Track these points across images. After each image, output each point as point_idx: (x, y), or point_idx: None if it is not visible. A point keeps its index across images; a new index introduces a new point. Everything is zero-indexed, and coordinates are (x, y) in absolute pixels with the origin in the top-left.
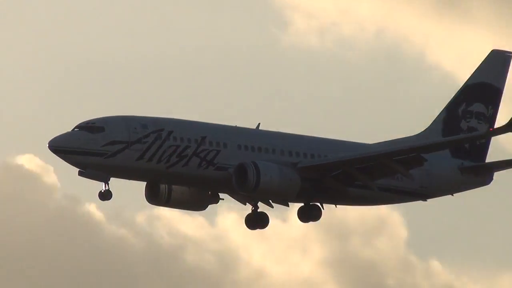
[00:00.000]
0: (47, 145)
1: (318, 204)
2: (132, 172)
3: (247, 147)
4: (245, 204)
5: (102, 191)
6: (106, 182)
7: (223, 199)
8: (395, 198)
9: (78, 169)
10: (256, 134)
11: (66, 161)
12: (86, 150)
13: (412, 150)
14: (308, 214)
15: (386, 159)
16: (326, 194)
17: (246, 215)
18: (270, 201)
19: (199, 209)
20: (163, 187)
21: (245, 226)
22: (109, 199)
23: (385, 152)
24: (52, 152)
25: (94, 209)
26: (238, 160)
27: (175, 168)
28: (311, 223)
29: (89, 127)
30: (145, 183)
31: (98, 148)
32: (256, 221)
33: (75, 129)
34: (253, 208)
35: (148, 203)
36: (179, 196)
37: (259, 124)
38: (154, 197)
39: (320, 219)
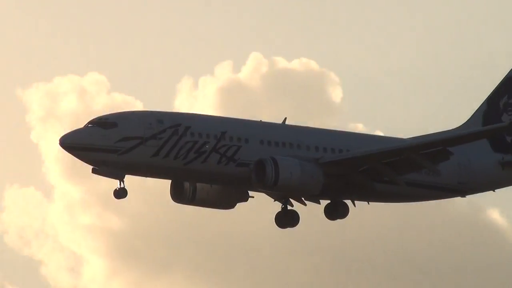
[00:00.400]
0: (58, 142)
1: (345, 201)
2: (147, 169)
3: (270, 142)
4: (279, 201)
5: (117, 189)
6: (121, 180)
7: (252, 197)
8: (430, 194)
9: (91, 167)
10: (280, 128)
11: (78, 158)
12: (99, 146)
13: (435, 144)
14: (335, 211)
15: (411, 153)
16: (353, 191)
17: (276, 213)
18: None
19: (227, 208)
20: (187, 185)
21: (275, 225)
22: (124, 197)
23: (408, 145)
24: (64, 150)
25: None
26: (261, 156)
27: (193, 165)
28: (338, 220)
29: (101, 123)
30: (170, 181)
31: (111, 145)
32: (286, 219)
33: (88, 125)
34: (283, 206)
35: (173, 202)
36: (204, 194)
37: (285, 118)
38: (179, 195)
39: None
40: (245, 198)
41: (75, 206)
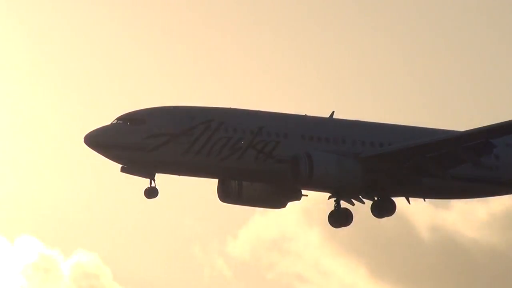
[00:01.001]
0: (83, 139)
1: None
2: (178, 167)
3: (312, 137)
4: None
5: (148, 188)
6: (152, 179)
7: (306, 195)
8: (488, 189)
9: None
10: (324, 123)
11: (105, 156)
12: (126, 144)
13: (475, 135)
14: (380, 208)
15: (450, 145)
16: (399, 187)
17: (329, 212)
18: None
19: (278, 207)
20: (233, 183)
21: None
22: (155, 197)
23: (447, 138)
24: (89, 147)
25: None
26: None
27: (229, 162)
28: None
29: (129, 119)
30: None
31: (139, 142)
32: (340, 218)
33: (115, 122)
34: (336, 204)
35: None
36: (251, 193)
37: (333, 112)
38: (225, 194)
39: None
40: (297, 196)
41: None
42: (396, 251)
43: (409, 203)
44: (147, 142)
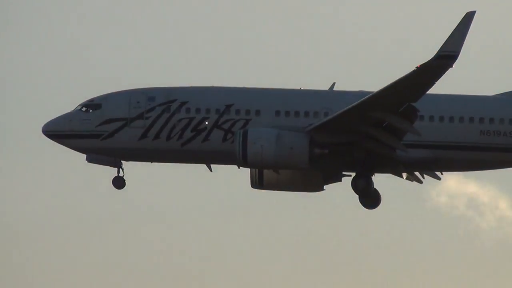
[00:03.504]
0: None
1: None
2: (137, 153)
3: (288, 112)
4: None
5: (115, 177)
6: (119, 167)
7: (349, 175)
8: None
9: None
10: (305, 95)
11: (64, 145)
12: (79, 132)
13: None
14: (355, 185)
15: (372, 109)
16: (370, 161)
17: None
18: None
19: (315, 190)
20: (253, 170)
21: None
22: (122, 187)
23: (365, 100)
24: (47, 138)
25: None
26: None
27: (193, 145)
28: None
29: (87, 105)
30: None
31: (93, 129)
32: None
33: (76, 109)
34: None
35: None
36: (273, 177)
37: (333, 84)
38: (251, 181)
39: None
40: (338, 178)
41: None
42: None
43: (424, 178)
44: (100, 129)
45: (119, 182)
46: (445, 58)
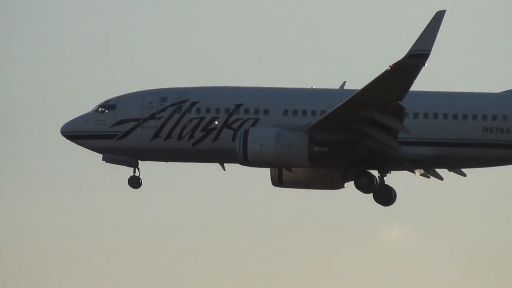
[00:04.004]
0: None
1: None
2: (150, 153)
3: (296, 111)
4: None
5: (130, 176)
6: (135, 167)
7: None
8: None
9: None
10: (313, 94)
11: (81, 146)
12: (95, 132)
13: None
14: (357, 183)
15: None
16: (371, 159)
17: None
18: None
19: (333, 188)
20: (273, 169)
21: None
22: (139, 186)
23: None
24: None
25: None
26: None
27: (204, 145)
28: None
29: (103, 106)
30: None
31: (107, 130)
32: (380, 194)
33: (94, 109)
34: (381, 180)
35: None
36: (293, 177)
37: (344, 82)
38: (271, 179)
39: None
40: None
41: None
42: None
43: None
44: (115, 130)
45: (135, 182)
46: (416, 56)
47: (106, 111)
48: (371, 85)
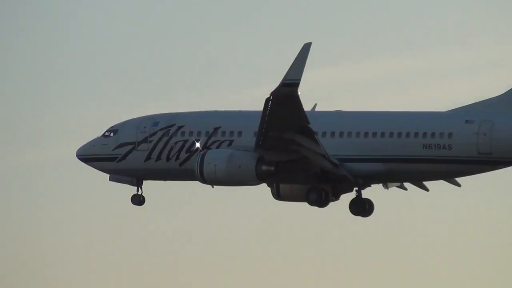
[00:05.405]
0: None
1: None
2: (146, 173)
3: None
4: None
5: (133, 195)
6: (138, 186)
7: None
8: (443, 169)
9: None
10: None
11: (92, 167)
12: (100, 155)
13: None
14: (307, 197)
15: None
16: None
17: (350, 199)
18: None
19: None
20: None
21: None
22: (141, 204)
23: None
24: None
25: None
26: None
27: (189, 164)
28: None
29: (109, 131)
30: None
31: (109, 153)
32: (359, 207)
33: (102, 134)
34: (357, 193)
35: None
36: (288, 191)
37: (315, 105)
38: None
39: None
40: (350, 189)
41: None
42: None
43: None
44: (116, 152)
45: (137, 200)
46: (288, 85)
47: (111, 134)
48: (266, 112)
